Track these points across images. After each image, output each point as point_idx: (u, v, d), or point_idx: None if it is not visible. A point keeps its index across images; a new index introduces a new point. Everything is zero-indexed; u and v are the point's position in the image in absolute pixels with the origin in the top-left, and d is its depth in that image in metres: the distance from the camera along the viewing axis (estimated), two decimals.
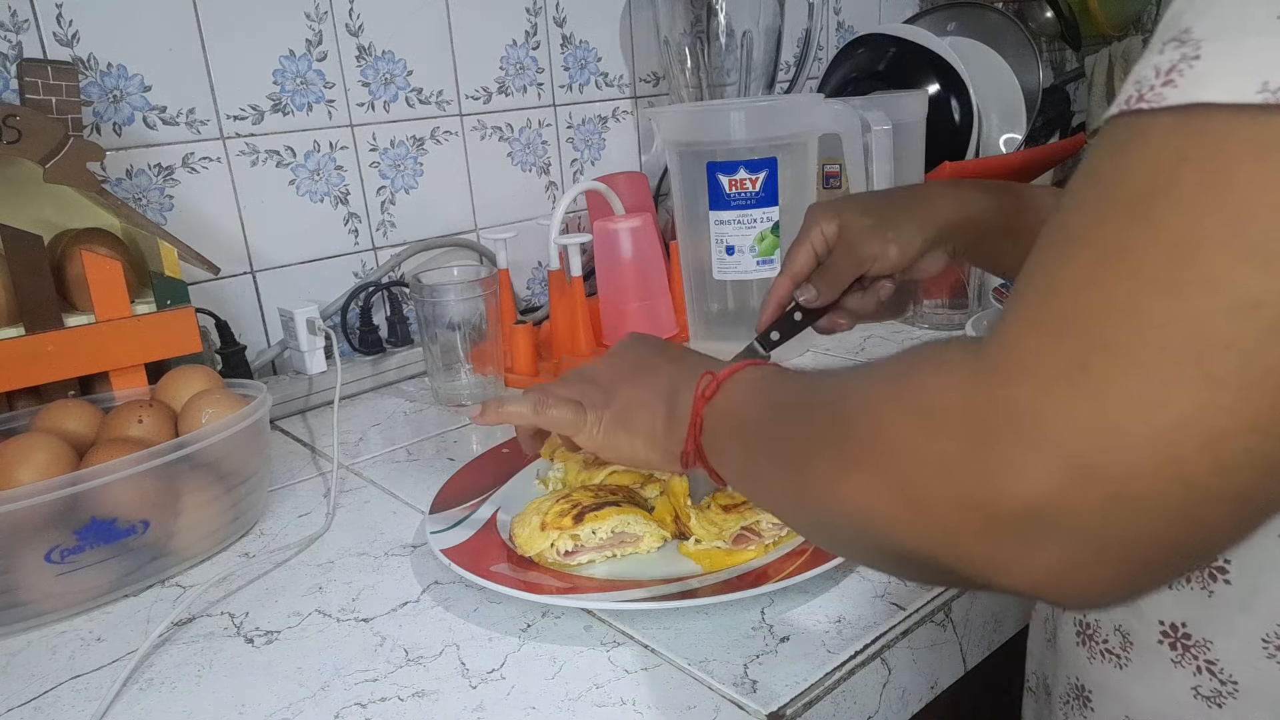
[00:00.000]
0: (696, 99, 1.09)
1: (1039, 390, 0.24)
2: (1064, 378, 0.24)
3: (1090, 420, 0.23)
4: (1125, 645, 0.40)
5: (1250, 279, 0.22)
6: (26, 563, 0.52)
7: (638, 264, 0.89)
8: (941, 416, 0.27)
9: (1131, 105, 0.24)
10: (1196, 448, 0.23)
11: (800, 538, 0.54)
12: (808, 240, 0.60)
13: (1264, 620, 0.35)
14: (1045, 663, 0.47)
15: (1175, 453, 0.23)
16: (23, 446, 0.55)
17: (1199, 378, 0.22)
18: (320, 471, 0.73)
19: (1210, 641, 0.37)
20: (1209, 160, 0.23)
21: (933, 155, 1.01)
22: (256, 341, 0.91)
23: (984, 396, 0.26)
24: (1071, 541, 0.24)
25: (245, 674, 0.47)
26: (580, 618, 0.50)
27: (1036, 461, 0.24)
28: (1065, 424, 0.24)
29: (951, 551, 0.27)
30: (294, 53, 0.88)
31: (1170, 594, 0.38)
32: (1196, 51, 0.23)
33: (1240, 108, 0.22)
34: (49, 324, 0.66)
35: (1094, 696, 0.42)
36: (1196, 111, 0.23)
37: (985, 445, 0.25)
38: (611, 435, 0.50)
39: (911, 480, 0.27)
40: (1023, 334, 0.26)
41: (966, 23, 1.27)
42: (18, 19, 0.74)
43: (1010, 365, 0.25)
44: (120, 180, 0.81)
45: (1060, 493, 0.24)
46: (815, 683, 0.43)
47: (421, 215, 1.00)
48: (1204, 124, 0.23)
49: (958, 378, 0.27)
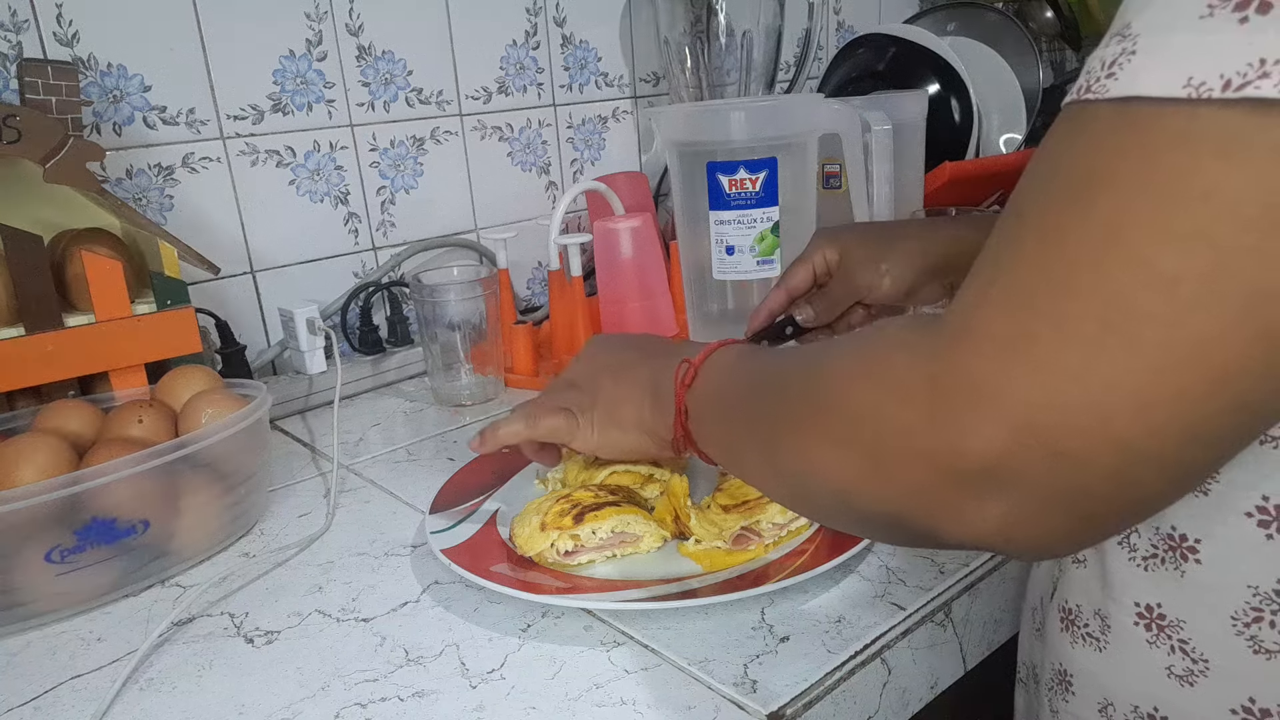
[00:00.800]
0: (696, 99, 1.09)
1: (988, 359, 0.27)
2: (1010, 348, 0.26)
3: (1033, 386, 0.26)
4: (1104, 629, 0.41)
5: (1171, 258, 0.24)
6: (26, 563, 0.52)
7: (638, 264, 0.89)
8: (904, 388, 0.29)
9: (1080, 95, 0.27)
10: (1127, 411, 0.25)
11: (800, 538, 0.54)
12: (810, 262, 0.64)
13: (1233, 599, 0.36)
14: (1034, 653, 0.48)
15: (1108, 415, 0.25)
16: (23, 446, 0.55)
17: (1125, 346, 0.25)
18: (320, 471, 0.73)
19: (1182, 621, 0.38)
20: (1140, 149, 0.25)
21: (933, 155, 1.01)
22: (256, 341, 0.91)
23: (940, 366, 0.28)
24: (1017, 496, 0.27)
25: (245, 674, 0.47)
26: (580, 618, 0.50)
27: (986, 423, 0.27)
28: (1011, 389, 0.26)
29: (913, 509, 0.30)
30: (294, 53, 0.88)
31: (1144, 575, 0.39)
32: (1134, 46, 0.25)
33: (1168, 101, 0.24)
34: (49, 324, 0.66)
35: (1075, 680, 0.43)
36: (1132, 104, 0.25)
37: (942, 410, 0.28)
38: (605, 433, 0.52)
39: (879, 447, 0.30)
40: (976, 308, 0.28)
41: (966, 23, 1.28)
42: (18, 19, 0.74)
43: (963, 337, 0.28)
44: (120, 180, 0.81)
45: (1007, 451, 0.26)
46: (815, 683, 0.43)
47: (421, 215, 1.00)
48: (1137, 116, 0.25)
49: (918, 351, 0.30)
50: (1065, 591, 0.43)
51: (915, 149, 0.99)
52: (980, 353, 0.27)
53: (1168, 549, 0.38)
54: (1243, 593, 0.35)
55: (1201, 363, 0.24)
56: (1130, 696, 0.40)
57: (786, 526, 0.54)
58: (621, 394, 0.51)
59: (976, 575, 0.51)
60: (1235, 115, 0.23)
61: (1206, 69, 0.23)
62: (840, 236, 0.64)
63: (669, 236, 1.02)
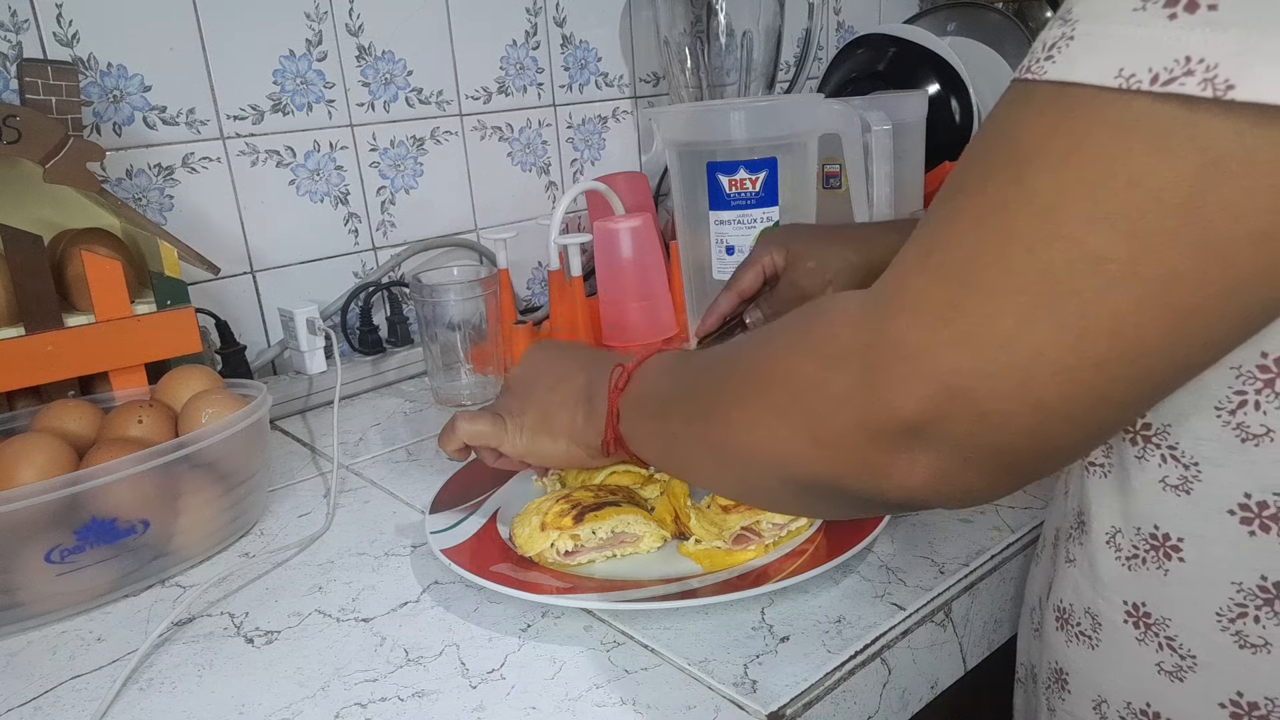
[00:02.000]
0: (696, 99, 1.09)
1: (919, 325, 0.29)
2: (940, 315, 0.28)
3: (961, 351, 0.28)
4: (1095, 627, 0.41)
5: (1099, 238, 0.26)
6: (26, 563, 0.52)
7: (638, 264, 0.88)
8: (839, 356, 0.31)
9: (1023, 74, 0.28)
10: (1047, 377, 0.27)
11: (800, 538, 0.54)
12: (759, 264, 0.66)
13: (1217, 596, 0.36)
14: (1032, 652, 0.48)
15: (1029, 380, 0.27)
16: (23, 446, 0.55)
17: (1050, 318, 0.27)
18: (320, 471, 0.73)
19: (1169, 618, 0.38)
20: (1074, 133, 0.26)
21: (933, 155, 1.01)
22: (256, 341, 0.91)
23: (872, 331, 0.30)
24: (944, 451, 0.29)
25: (245, 674, 0.47)
26: (580, 618, 0.50)
27: (915, 385, 0.29)
28: (940, 353, 0.28)
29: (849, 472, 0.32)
30: (294, 53, 0.88)
31: (1130, 575, 0.39)
32: (1073, 32, 0.26)
33: (1102, 89, 0.25)
34: (49, 324, 0.66)
35: (1070, 679, 0.43)
36: (1069, 88, 0.26)
37: (874, 374, 0.30)
38: (534, 440, 0.53)
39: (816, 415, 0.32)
40: (909, 275, 0.30)
41: (966, 23, 1.27)
42: (18, 19, 0.74)
43: (896, 303, 0.30)
44: (120, 180, 0.81)
45: (935, 410, 0.29)
46: (815, 683, 0.43)
47: (421, 215, 1.00)
48: (1073, 100, 0.26)
49: (851, 317, 0.32)
50: (1059, 591, 0.44)
51: (915, 149, 0.99)
52: (912, 318, 0.29)
53: (1150, 549, 0.38)
54: (1227, 589, 0.36)
55: (1117, 336, 0.26)
56: (1123, 693, 0.40)
57: (786, 526, 0.54)
58: (556, 400, 0.52)
59: (976, 575, 0.51)
60: (1165, 109, 0.24)
61: (1137, 62, 0.25)
62: (786, 240, 0.66)
63: (669, 236, 1.02)
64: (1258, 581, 0.35)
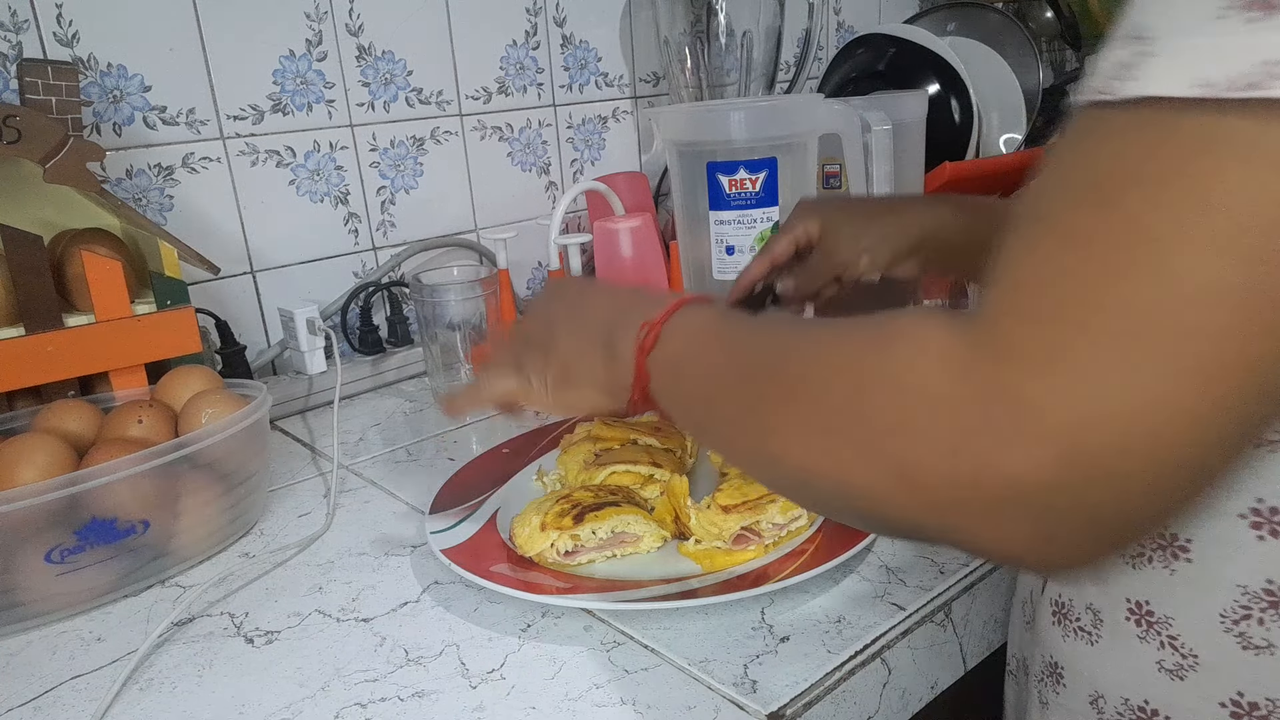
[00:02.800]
0: (696, 99, 1.09)
1: (1028, 375, 0.26)
2: (1048, 363, 0.25)
3: (1075, 403, 0.25)
4: (1096, 623, 0.41)
5: (1214, 268, 0.23)
6: (26, 563, 0.52)
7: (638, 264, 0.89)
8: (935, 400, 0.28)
9: (1094, 97, 0.26)
10: (1171, 426, 0.24)
11: (800, 538, 0.54)
12: (793, 233, 0.64)
13: (1222, 598, 0.36)
14: (1024, 644, 0.48)
15: (1152, 430, 0.24)
16: (23, 446, 0.55)
17: (1170, 361, 0.24)
18: (320, 471, 0.73)
19: (1172, 618, 0.38)
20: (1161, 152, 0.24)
21: (933, 155, 1.01)
22: (256, 341, 0.91)
23: (977, 382, 0.27)
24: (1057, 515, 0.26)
25: (245, 674, 0.47)
26: (580, 618, 0.50)
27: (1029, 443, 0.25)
28: (1053, 407, 0.25)
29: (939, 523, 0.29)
30: (294, 53, 0.88)
31: (1135, 573, 0.39)
32: (1152, 49, 0.25)
33: (1187, 102, 0.24)
34: (49, 324, 0.66)
35: (1065, 673, 0.43)
36: (1151, 105, 0.24)
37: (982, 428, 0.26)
38: (560, 394, 0.49)
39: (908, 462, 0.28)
40: (1008, 319, 0.27)
41: (966, 23, 1.27)
42: (18, 19, 0.74)
43: (998, 351, 0.27)
44: (120, 180, 0.81)
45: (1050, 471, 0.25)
46: (815, 683, 0.43)
47: (421, 215, 1.00)
48: (1157, 117, 0.24)
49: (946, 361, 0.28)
50: (1057, 585, 0.44)
51: (915, 149, 0.99)
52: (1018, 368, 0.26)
53: (1157, 547, 0.38)
54: (1232, 591, 0.36)
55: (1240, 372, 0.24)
56: (1121, 690, 0.40)
57: (786, 526, 0.54)
58: (575, 348, 0.48)
59: (976, 575, 0.51)
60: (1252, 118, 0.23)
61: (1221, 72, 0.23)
62: (822, 210, 0.64)
63: (669, 236, 1.02)
64: (1264, 585, 0.35)
